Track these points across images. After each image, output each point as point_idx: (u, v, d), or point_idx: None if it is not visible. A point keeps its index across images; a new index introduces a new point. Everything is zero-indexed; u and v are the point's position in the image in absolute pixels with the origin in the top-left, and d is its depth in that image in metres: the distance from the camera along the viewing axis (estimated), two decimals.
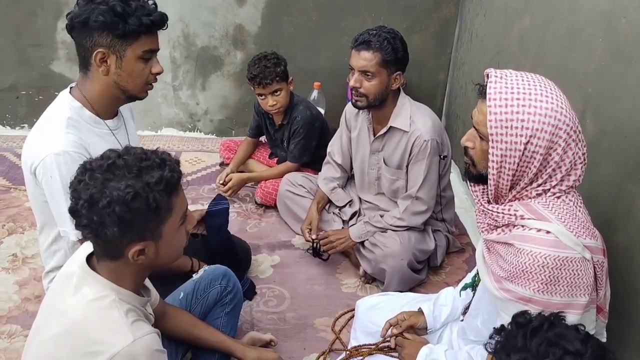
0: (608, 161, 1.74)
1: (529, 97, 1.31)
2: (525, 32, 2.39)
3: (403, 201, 2.42)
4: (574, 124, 1.34)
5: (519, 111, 1.30)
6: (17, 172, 3.15)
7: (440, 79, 3.59)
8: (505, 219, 1.39)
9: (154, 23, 1.66)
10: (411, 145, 2.32)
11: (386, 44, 2.17)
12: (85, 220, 1.22)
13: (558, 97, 1.33)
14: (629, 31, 1.64)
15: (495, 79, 1.34)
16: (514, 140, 1.31)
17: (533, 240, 1.33)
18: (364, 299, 2.09)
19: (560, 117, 1.31)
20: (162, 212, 1.26)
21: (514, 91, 1.32)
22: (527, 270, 1.32)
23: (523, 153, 1.32)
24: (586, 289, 1.33)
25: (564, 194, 1.38)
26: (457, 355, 1.58)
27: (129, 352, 1.22)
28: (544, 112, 1.30)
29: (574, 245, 1.31)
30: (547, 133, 1.31)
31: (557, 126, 1.31)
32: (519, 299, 1.35)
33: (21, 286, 2.39)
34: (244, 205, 3.03)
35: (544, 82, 1.36)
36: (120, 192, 1.19)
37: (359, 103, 2.29)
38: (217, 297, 1.90)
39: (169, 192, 1.26)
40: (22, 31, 3.38)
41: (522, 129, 1.30)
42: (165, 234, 1.29)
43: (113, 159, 1.25)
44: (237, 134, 3.71)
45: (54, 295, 1.39)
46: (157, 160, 1.26)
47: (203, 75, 3.54)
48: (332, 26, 3.37)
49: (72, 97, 1.75)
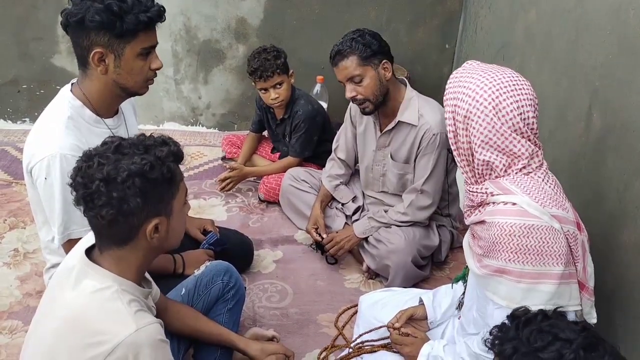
0: (615, 156, 1.71)
1: (470, 76, 1.44)
2: (531, 25, 2.36)
3: (408, 195, 2.40)
4: (498, 105, 1.39)
5: (457, 84, 1.46)
6: (19, 167, 3.13)
7: (444, 73, 3.56)
8: (478, 197, 1.46)
9: (151, 19, 1.62)
10: (420, 138, 2.30)
11: (354, 43, 2.17)
12: (104, 198, 1.22)
13: (497, 82, 1.41)
14: (638, 23, 1.61)
15: (467, 64, 1.51)
16: (449, 109, 1.47)
17: (500, 212, 1.40)
18: (367, 295, 2.09)
19: (482, 92, 1.40)
20: (175, 185, 1.32)
21: (465, 71, 1.48)
22: (496, 241, 1.37)
23: (454, 123, 1.45)
24: (558, 257, 1.36)
25: (533, 172, 1.44)
26: (456, 347, 1.58)
27: (133, 341, 1.21)
28: (472, 88, 1.42)
29: (540, 214, 1.36)
30: (465, 103, 1.42)
31: (474, 97, 1.41)
32: (495, 271, 1.40)
33: (22, 281, 2.39)
34: (246, 200, 3.01)
35: (496, 71, 1.45)
36: (137, 164, 1.23)
37: (366, 109, 2.30)
38: (219, 293, 1.89)
39: (177, 164, 1.33)
40: (24, 25, 3.35)
41: (452, 99, 1.46)
42: (174, 210, 1.34)
43: (117, 141, 1.29)
44: (239, 128, 3.68)
45: (54, 290, 1.38)
46: (159, 139, 1.33)
47: (205, 68, 3.52)
48: (335, 19, 3.34)
49: (72, 95, 1.72)
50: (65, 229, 1.68)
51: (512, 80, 1.42)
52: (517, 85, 1.41)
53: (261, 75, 2.70)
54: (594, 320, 1.51)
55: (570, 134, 1.98)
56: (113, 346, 1.20)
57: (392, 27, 3.37)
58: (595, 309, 1.51)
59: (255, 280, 2.46)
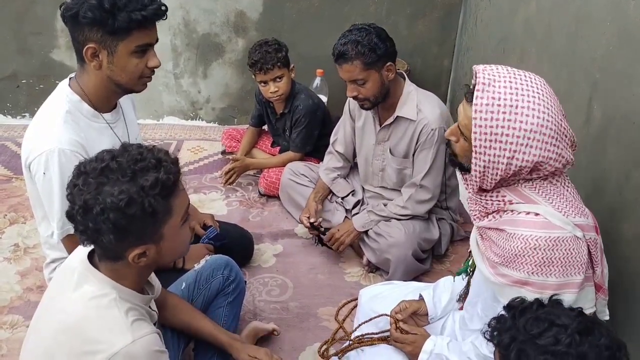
0: (616, 148, 1.71)
1: (514, 111, 1.28)
2: (531, 16, 2.35)
3: (407, 189, 2.40)
4: (559, 129, 1.32)
5: (504, 125, 1.28)
6: (19, 162, 3.07)
7: (444, 66, 3.55)
8: (494, 205, 1.40)
9: (146, 18, 1.58)
10: (418, 133, 2.29)
11: (360, 47, 2.12)
12: (81, 226, 1.20)
13: (546, 107, 1.29)
14: (638, 15, 1.60)
15: (482, 87, 1.30)
16: (497, 153, 1.31)
17: (523, 224, 1.34)
18: (367, 288, 2.08)
19: (545, 131, 1.29)
20: (160, 216, 1.23)
21: (500, 103, 1.28)
22: (520, 253, 1.33)
23: (506, 165, 1.32)
24: (580, 267, 1.34)
25: (550, 176, 1.39)
26: (461, 346, 1.56)
27: (128, 352, 1.21)
28: (529, 128, 1.28)
29: (563, 224, 1.32)
30: (533, 148, 1.30)
31: (542, 140, 1.30)
32: (515, 282, 1.36)
33: (23, 276, 2.39)
34: (246, 194, 3.01)
35: (533, 90, 1.31)
36: (113, 198, 1.15)
37: (365, 106, 2.29)
38: (220, 287, 1.90)
39: (165, 194, 1.22)
40: (22, 19, 3.34)
41: (507, 144, 1.29)
42: (166, 235, 1.26)
43: (107, 161, 1.20)
44: (239, 122, 3.68)
45: (55, 289, 1.37)
46: (152, 160, 1.21)
47: (204, 62, 3.51)
48: (335, 12, 3.33)
49: (70, 89, 1.71)
50: (65, 224, 1.67)
51: (544, 93, 1.32)
52: (548, 98, 1.32)
53: (261, 68, 2.69)
54: (607, 318, 1.50)
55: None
56: (109, 356, 1.19)
57: (392, 19, 3.35)
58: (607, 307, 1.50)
59: (255, 274, 2.46)
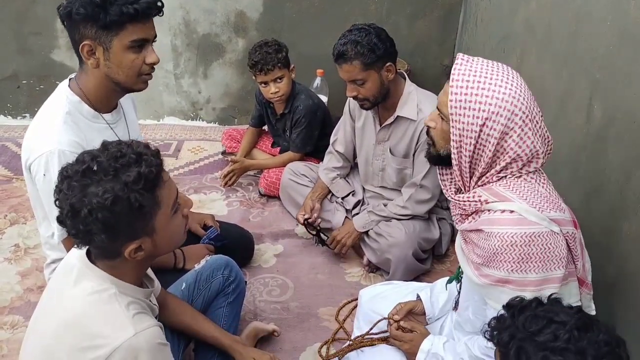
0: (617, 148, 1.70)
1: (489, 81, 1.35)
2: (531, 16, 2.35)
3: (407, 189, 2.40)
4: (531, 113, 1.36)
5: (478, 93, 1.34)
6: (19, 162, 3.07)
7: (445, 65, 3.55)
8: (472, 206, 1.42)
9: (137, 11, 1.57)
10: (418, 133, 2.29)
11: (360, 48, 2.12)
12: (72, 230, 1.21)
13: (518, 85, 1.36)
14: (639, 14, 1.59)
15: (461, 62, 1.39)
16: (470, 121, 1.35)
17: (498, 222, 1.36)
18: (367, 288, 2.08)
19: (517, 103, 1.34)
20: (148, 209, 1.23)
21: (476, 74, 1.36)
22: (498, 252, 1.34)
23: (479, 135, 1.35)
24: (559, 261, 1.35)
25: (524, 174, 1.41)
26: (456, 347, 1.57)
27: (131, 345, 1.21)
28: (501, 97, 1.33)
29: (539, 220, 1.33)
30: (503, 117, 1.34)
31: (512, 112, 1.34)
32: (497, 281, 1.37)
33: (23, 277, 2.39)
34: (247, 194, 3.01)
35: (507, 70, 1.39)
36: (99, 198, 1.16)
37: (365, 106, 2.30)
38: (220, 287, 1.90)
39: (149, 187, 1.22)
40: (23, 19, 3.35)
41: (479, 111, 1.34)
42: (158, 226, 1.27)
43: (87, 162, 1.21)
44: (239, 122, 3.68)
45: (54, 287, 1.38)
46: (132, 155, 1.21)
47: (204, 63, 3.51)
48: (335, 11, 3.33)
49: (70, 90, 1.71)
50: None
51: (518, 77, 1.38)
52: (523, 82, 1.38)
53: (262, 69, 2.69)
54: (593, 312, 1.51)
55: (571, 126, 1.96)
56: (111, 349, 1.20)
57: (392, 19, 3.35)
58: (593, 301, 1.51)
59: (255, 274, 2.46)
